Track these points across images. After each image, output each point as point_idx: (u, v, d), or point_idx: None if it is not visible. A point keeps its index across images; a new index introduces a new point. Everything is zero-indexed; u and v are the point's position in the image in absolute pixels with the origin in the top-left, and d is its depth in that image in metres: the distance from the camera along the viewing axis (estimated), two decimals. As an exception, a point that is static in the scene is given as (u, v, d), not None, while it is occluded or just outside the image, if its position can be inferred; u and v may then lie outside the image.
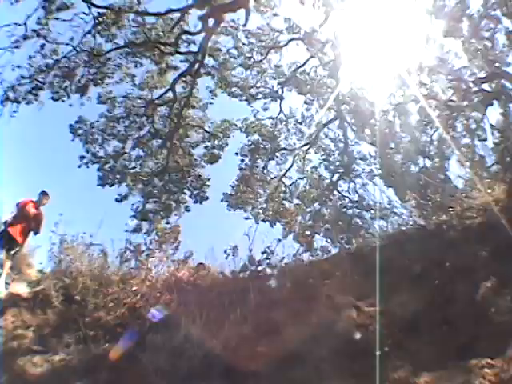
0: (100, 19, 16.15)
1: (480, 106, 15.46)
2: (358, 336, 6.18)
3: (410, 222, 9.03)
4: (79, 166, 18.38)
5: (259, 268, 9.63)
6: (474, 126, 15.91)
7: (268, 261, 9.76)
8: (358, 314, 6.49)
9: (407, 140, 16.81)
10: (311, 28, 17.39)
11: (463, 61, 15.48)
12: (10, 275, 10.31)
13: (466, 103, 15.65)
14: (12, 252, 10.39)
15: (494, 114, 15.33)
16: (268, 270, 9.58)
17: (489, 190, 8.31)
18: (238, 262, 9.80)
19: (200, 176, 19.35)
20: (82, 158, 18.40)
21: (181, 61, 18.20)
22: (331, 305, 6.82)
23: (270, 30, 18.16)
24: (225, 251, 9.97)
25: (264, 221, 18.32)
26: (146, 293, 8.68)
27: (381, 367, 5.33)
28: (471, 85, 15.49)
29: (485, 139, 15.51)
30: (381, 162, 17.22)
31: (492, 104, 15.31)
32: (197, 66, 17.63)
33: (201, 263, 10.76)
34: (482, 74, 15.32)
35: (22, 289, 9.80)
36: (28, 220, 10.73)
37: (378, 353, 5.45)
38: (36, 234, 11.00)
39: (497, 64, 14.84)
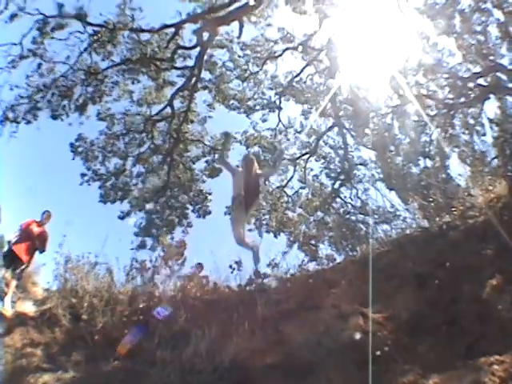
0: (95, 37, 16.30)
1: (477, 101, 15.55)
2: (358, 336, 6.19)
3: (413, 225, 9.05)
4: (81, 184, 18.49)
5: (265, 281, 9.65)
6: (472, 121, 16.00)
7: (273, 273, 9.78)
8: (365, 321, 6.49)
9: (407, 141, 16.87)
10: (305, 35, 17.51)
11: (458, 57, 15.60)
12: (15, 294, 10.35)
13: (463, 100, 15.73)
14: (17, 271, 10.43)
15: (492, 108, 15.46)
16: (274, 283, 9.59)
17: (490, 187, 8.34)
18: (243, 275, 9.84)
19: (202, 190, 19.40)
20: (84, 175, 18.49)
21: (177, 76, 18.45)
22: (338, 314, 6.82)
23: (265, 40, 18.33)
24: (230, 266, 10.01)
25: (268, 232, 18.38)
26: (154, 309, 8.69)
27: (389, 373, 5.35)
28: (467, 81, 15.57)
29: (484, 134, 15.60)
30: (381, 166, 17.27)
31: (489, 98, 15.40)
32: (194, 80, 17.79)
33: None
34: (477, 69, 15.40)
35: (28, 307, 9.82)
36: (32, 239, 10.79)
37: (383, 358, 5.49)
38: (42, 252, 11.05)
39: (491, 57, 14.92)
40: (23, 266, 10.63)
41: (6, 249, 10.81)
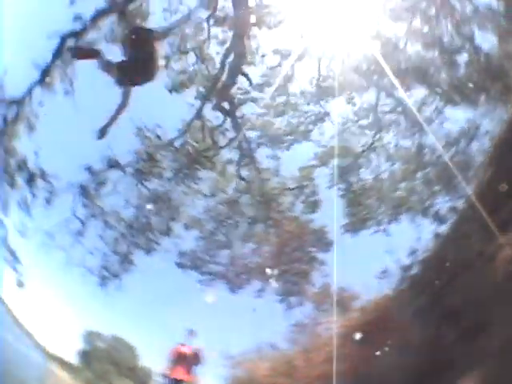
0: (138, 173, 17.23)
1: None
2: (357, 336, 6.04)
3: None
4: (202, 290, 18.83)
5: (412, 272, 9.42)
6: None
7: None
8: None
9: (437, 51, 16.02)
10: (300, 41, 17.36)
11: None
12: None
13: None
14: None
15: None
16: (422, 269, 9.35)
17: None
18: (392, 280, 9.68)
19: (315, 229, 19.19)
20: (201, 281, 19.03)
21: (229, 151, 18.68)
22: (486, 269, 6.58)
23: (270, 69, 18.24)
24: (377, 276, 9.84)
25: (389, 222, 17.84)
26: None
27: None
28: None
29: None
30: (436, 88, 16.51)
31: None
32: (244, 146, 18.05)
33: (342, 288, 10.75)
34: None
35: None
36: (186, 359, 11.22)
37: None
38: (199, 365, 11.44)
39: None
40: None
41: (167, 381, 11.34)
